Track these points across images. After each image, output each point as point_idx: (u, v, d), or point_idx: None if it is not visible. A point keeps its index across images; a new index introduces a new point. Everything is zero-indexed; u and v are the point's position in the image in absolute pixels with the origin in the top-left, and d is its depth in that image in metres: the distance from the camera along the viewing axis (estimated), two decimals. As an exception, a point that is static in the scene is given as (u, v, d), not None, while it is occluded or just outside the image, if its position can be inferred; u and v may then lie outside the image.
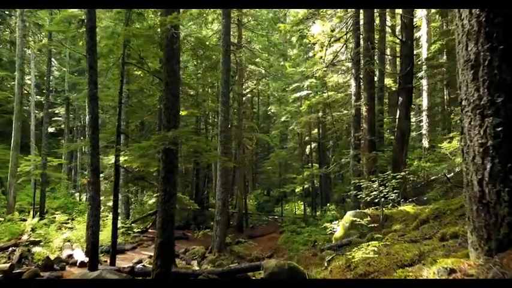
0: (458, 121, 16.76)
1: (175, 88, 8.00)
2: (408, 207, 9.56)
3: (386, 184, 9.30)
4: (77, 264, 11.65)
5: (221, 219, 14.39)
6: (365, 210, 9.79)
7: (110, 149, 12.50)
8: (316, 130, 24.52)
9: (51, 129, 27.37)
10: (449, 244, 4.00)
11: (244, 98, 27.91)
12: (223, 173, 14.40)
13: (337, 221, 10.70)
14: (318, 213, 23.55)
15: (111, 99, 13.05)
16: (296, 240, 16.45)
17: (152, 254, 12.66)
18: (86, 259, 12.43)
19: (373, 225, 8.46)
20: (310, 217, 20.60)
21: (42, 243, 13.43)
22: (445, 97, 22.44)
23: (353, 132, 14.02)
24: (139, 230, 17.69)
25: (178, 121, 8.07)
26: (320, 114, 21.43)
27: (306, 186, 24.88)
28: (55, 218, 18.51)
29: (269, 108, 28.80)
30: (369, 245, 4.41)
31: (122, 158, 10.09)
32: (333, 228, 10.61)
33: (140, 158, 7.77)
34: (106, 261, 12.84)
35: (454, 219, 5.95)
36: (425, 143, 23.11)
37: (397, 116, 13.30)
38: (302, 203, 24.95)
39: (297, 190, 21.96)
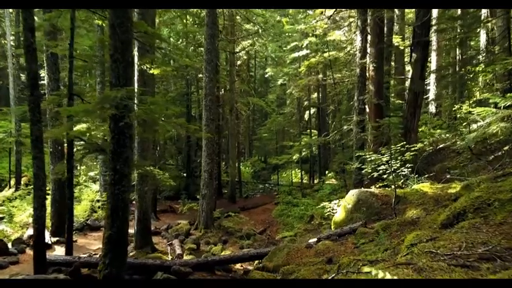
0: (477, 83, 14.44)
1: (125, 33, 5.80)
2: (425, 186, 7.62)
3: (398, 157, 7.31)
4: (39, 246, 9.96)
5: (207, 193, 12.58)
6: (371, 189, 7.87)
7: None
8: (315, 94, 22.24)
9: (34, 94, 25.05)
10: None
11: (239, 61, 25.41)
12: (209, 142, 12.41)
13: (337, 201, 8.83)
14: (316, 181, 21.83)
15: (82, 54, 10.78)
16: (291, 213, 14.77)
17: (132, 230, 10.99)
18: (53, 239, 10.75)
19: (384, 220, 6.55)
20: (308, 187, 18.84)
21: (5, 220, 11.71)
22: (458, 57, 19.95)
23: (357, 95, 11.84)
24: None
25: (132, 78, 5.95)
26: (320, 76, 19.07)
27: (304, 153, 23.00)
28: (34, 188, 16.71)
29: (266, 71, 26.33)
30: None
31: (79, 126, 8.06)
32: (332, 209, 8.76)
33: (73, 125, 5.71)
34: (75, 241, 11.19)
35: (509, 217, 4.00)
36: (432, 108, 20.95)
37: (410, 76, 11.08)
38: (299, 170, 23.13)
39: (294, 157, 20.11)
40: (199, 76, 22.17)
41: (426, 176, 8.21)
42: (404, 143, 7.29)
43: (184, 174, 22.07)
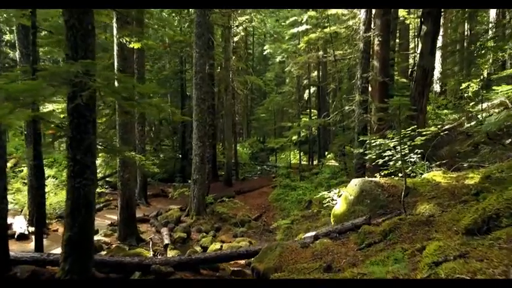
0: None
1: (82, -6, 4.69)
2: (437, 175, 6.64)
3: (407, 142, 6.29)
4: (15, 237, 9.14)
5: (199, 178, 11.67)
6: (376, 179, 6.90)
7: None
8: (315, 72, 20.97)
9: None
10: None
11: (236, 38, 23.96)
12: (200, 123, 11.38)
13: (337, 190, 7.89)
14: (315, 162, 20.89)
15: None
16: (288, 198, 13.87)
17: (115, 216, 10.13)
18: (31, 229, 9.89)
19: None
20: (306, 169, 17.90)
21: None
22: (466, 32, 18.58)
23: (360, 73, 10.69)
24: (108, 186, 14.93)
25: (93, 50, 4.87)
26: (320, 53, 17.79)
27: (303, 133, 21.94)
28: (22, 171, 15.86)
29: (265, 48, 24.95)
30: None
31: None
32: (332, 199, 7.83)
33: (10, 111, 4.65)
34: (56, 230, 10.36)
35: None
36: (436, 86, 19.76)
37: (419, 51, 9.92)
38: (298, 151, 22.13)
39: (293, 138, 19.08)
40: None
41: (438, 163, 7.22)
42: (415, 126, 6.26)
43: (180, 156, 21.12)
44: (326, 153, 20.63)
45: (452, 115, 14.85)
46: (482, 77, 16.51)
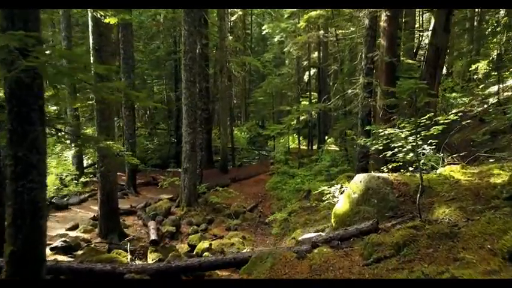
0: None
1: None
2: (455, 170, 5.66)
3: (421, 132, 5.28)
4: (-14, 233, 8.25)
5: (190, 167, 10.73)
6: (384, 175, 5.92)
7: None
8: (316, 53, 19.71)
9: None
10: None
11: (234, 17, 22.60)
12: (190, 108, 10.34)
13: (339, 186, 6.93)
14: (315, 147, 19.92)
15: None
16: (286, 187, 12.98)
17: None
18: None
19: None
20: (306, 155, 16.95)
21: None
22: (476, 9, 17.20)
23: (365, 52, 9.56)
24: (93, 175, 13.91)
25: (36, 21, 3.82)
26: (321, 32, 16.52)
27: (302, 118, 20.84)
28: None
29: (263, 28, 23.55)
30: None
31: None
32: (333, 196, 6.88)
33: None
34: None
35: None
36: (442, 68, 18.50)
37: (431, 27, 8.78)
38: (297, 135, 21.08)
39: (292, 123, 18.00)
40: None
41: (455, 155, 6.22)
42: (432, 114, 5.24)
43: (175, 140, 20.13)
44: (326, 137, 19.64)
45: (461, 98, 13.79)
46: (491, 57, 15.34)
